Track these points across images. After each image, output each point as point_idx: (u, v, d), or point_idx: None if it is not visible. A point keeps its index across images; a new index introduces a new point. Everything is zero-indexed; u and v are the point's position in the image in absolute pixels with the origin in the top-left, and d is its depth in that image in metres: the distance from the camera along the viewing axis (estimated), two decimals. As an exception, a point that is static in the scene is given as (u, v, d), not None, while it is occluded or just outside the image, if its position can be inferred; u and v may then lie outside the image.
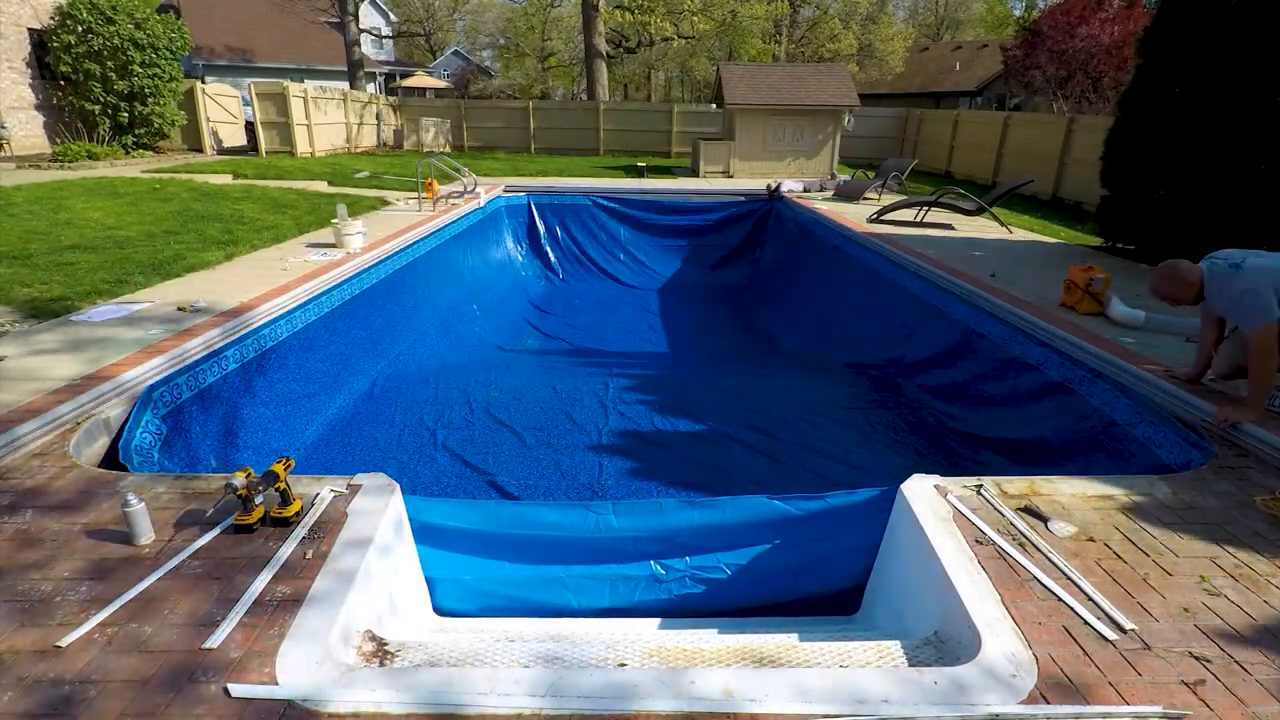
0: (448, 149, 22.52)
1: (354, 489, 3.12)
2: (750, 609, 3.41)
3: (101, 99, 14.82)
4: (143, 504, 2.69)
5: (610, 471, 5.47)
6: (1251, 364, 3.63)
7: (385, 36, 38.95)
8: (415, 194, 11.76)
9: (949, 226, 10.36)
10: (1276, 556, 2.82)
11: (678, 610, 3.39)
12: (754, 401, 6.87)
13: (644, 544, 3.39)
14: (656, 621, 3.33)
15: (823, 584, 3.43)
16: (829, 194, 13.93)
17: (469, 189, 12.07)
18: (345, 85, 25.10)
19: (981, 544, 2.84)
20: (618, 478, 5.38)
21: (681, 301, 11.53)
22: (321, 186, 12.95)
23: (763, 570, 3.40)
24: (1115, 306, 5.59)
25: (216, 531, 2.78)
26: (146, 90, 15.22)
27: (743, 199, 13.53)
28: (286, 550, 2.68)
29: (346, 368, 6.54)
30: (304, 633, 2.27)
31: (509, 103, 26.25)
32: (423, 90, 34.95)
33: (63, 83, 15.12)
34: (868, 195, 13.36)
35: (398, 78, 38.93)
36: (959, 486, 3.28)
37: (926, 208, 10.79)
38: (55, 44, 14.40)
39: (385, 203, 11.51)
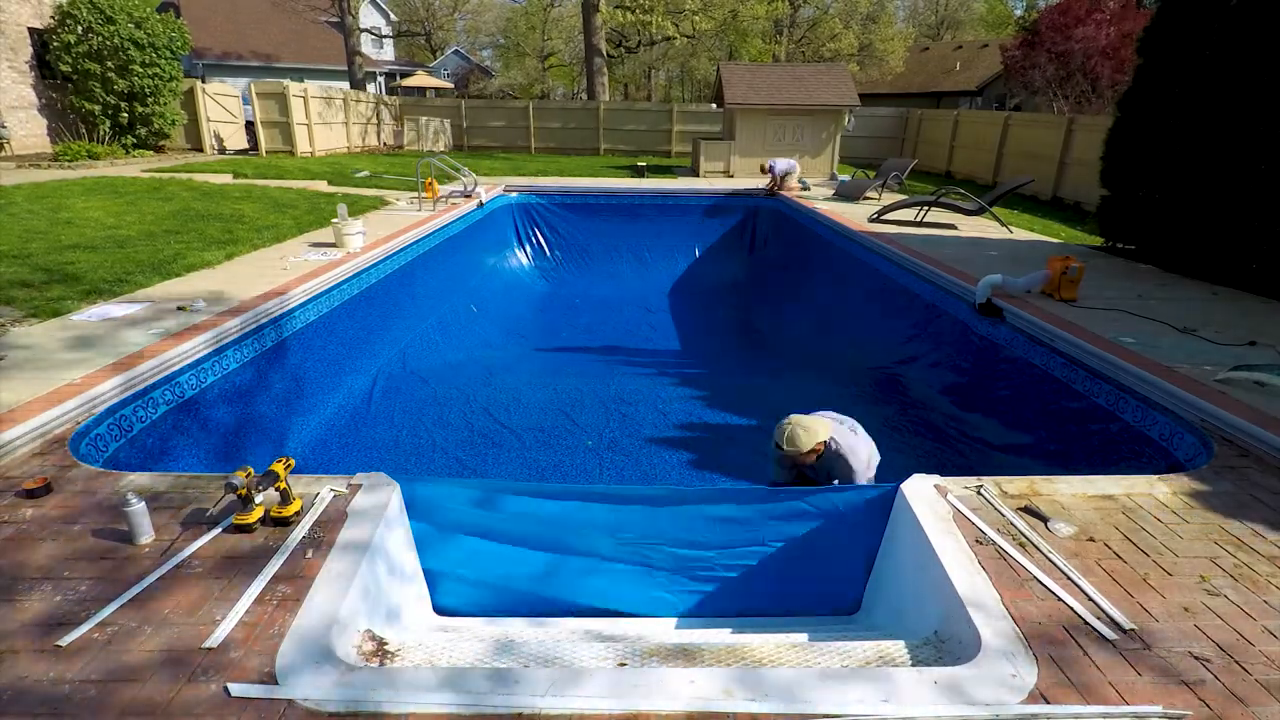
0: (448, 149, 22.51)
1: (354, 488, 3.12)
2: (750, 608, 3.41)
3: (102, 99, 14.81)
4: (143, 504, 2.68)
5: (610, 473, 5.47)
6: None
7: (385, 36, 38.95)
8: (415, 194, 11.75)
9: (951, 226, 10.36)
10: (1277, 556, 2.82)
11: (677, 608, 3.39)
12: (755, 401, 6.87)
13: (640, 534, 3.39)
14: (656, 621, 3.33)
15: (822, 584, 3.43)
16: (830, 193, 13.93)
17: (469, 189, 12.06)
18: (345, 85, 25.11)
19: (981, 544, 2.84)
20: (618, 479, 5.38)
21: (682, 302, 11.53)
22: (321, 186, 12.95)
23: (763, 568, 3.39)
24: (987, 280, 6.31)
25: (217, 531, 2.78)
26: (147, 90, 15.21)
27: (746, 196, 13.54)
28: (286, 550, 2.68)
29: (346, 367, 6.54)
30: (304, 632, 2.27)
31: (509, 103, 26.25)
32: (423, 90, 34.93)
33: (63, 82, 15.12)
34: (868, 195, 13.35)
35: (398, 77, 38.94)
36: (959, 486, 3.28)
37: (927, 207, 10.78)
38: (56, 43, 14.39)
39: (385, 202, 11.51)
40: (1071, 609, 2.48)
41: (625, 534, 3.38)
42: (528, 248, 12.96)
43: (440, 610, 3.32)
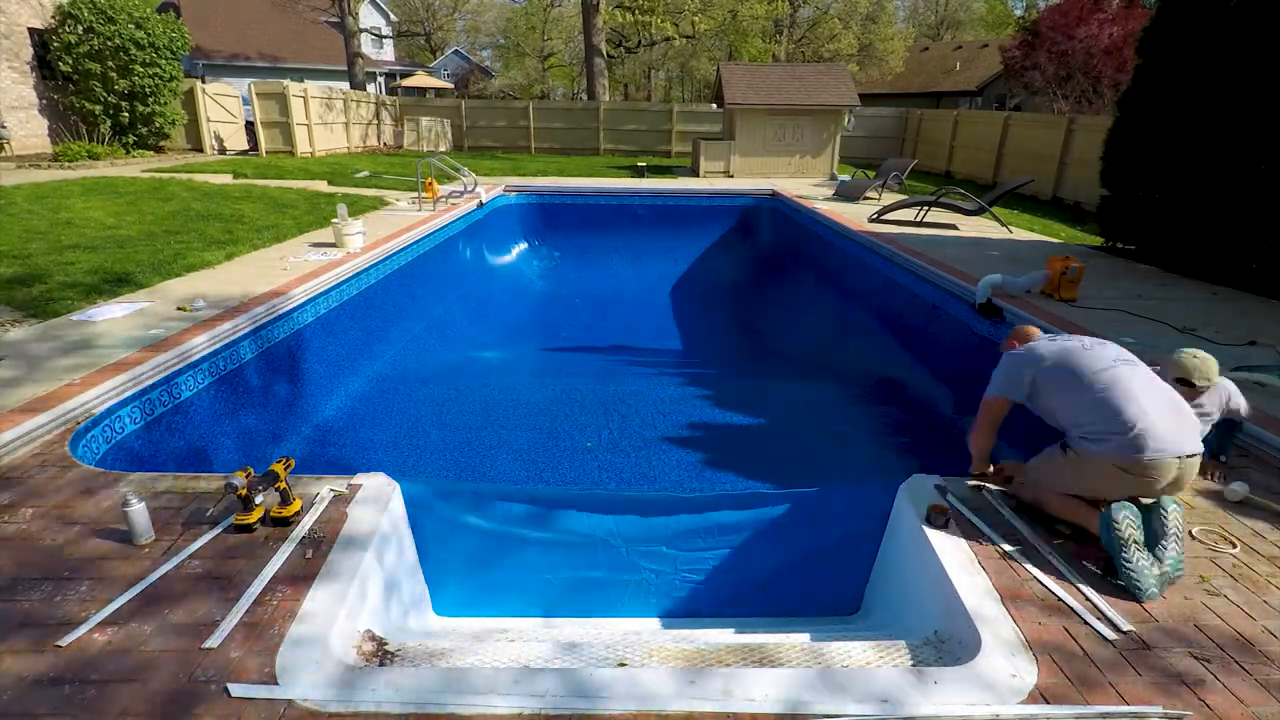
0: (448, 149, 22.51)
1: (354, 489, 3.12)
2: (750, 609, 3.41)
3: (103, 99, 14.82)
4: (143, 504, 2.68)
5: (610, 474, 5.47)
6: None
7: (385, 36, 38.97)
8: (415, 194, 11.75)
9: (951, 226, 10.36)
10: (1277, 556, 2.82)
11: (677, 609, 3.39)
12: (757, 402, 6.87)
13: (639, 537, 3.39)
14: (656, 621, 3.33)
15: (822, 583, 3.43)
16: (829, 194, 13.93)
17: (469, 189, 12.06)
18: (345, 85, 25.12)
19: (981, 544, 2.84)
20: (618, 481, 5.38)
21: (682, 301, 11.53)
22: (321, 186, 12.95)
23: (762, 569, 3.39)
24: (987, 280, 6.27)
25: (217, 531, 2.78)
26: (147, 90, 15.23)
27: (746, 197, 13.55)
28: (286, 550, 2.68)
29: (346, 367, 6.54)
30: (304, 632, 2.27)
31: (509, 103, 26.26)
32: (423, 90, 34.94)
33: (64, 82, 15.13)
34: (868, 195, 13.36)
35: (398, 77, 38.94)
36: (960, 486, 3.28)
37: (927, 207, 10.79)
38: (56, 44, 14.41)
39: (385, 202, 11.50)
40: (1071, 609, 2.48)
41: (625, 535, 3.38)
42: (527, 247, 12.96)
43: (440, 611, 3.32)
